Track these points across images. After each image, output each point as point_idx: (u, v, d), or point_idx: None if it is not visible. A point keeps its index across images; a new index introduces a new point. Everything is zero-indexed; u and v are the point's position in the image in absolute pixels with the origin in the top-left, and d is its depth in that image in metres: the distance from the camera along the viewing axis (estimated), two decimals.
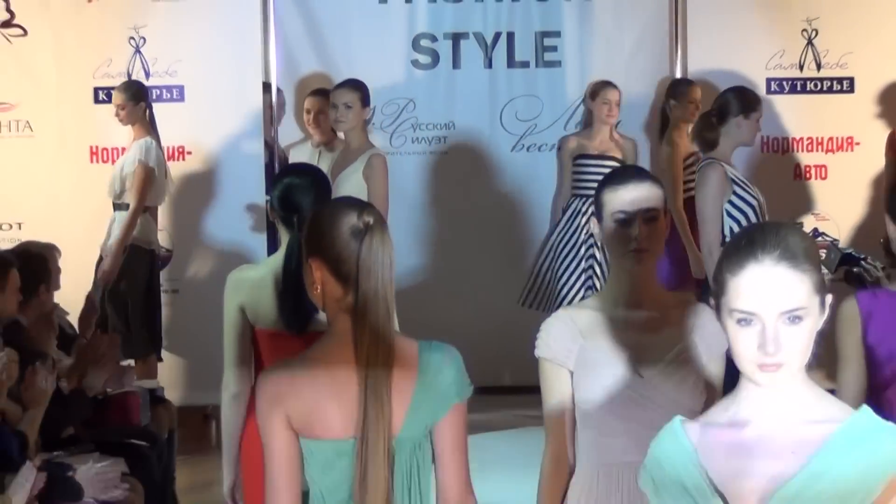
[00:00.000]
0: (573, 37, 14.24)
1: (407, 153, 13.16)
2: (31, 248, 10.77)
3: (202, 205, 13.47)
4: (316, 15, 14.09)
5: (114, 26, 13.59)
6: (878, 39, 13.85)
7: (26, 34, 13.52)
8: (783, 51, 13.88)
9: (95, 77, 13.59)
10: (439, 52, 14.25)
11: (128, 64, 13.65)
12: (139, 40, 13.57)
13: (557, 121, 14.21)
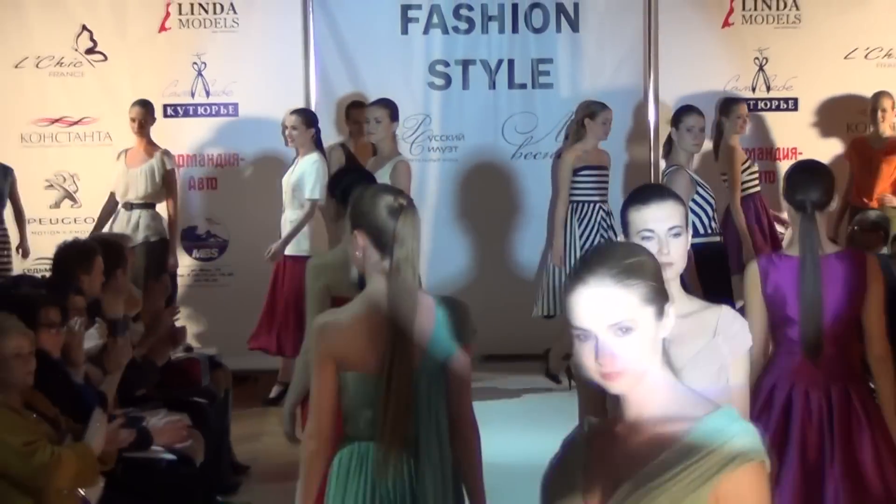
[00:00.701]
0: (564, 63, 14.22)
1: (424, 160, 13.17)
2: (110, 239, 10.96)
3: (251, 202, 13.48)
4: (348, 44, 14.08)
5: (180, 53, 13.62)
6: (817, 66, 13.91)
7: (106, 59, 13.54)
8: (738, 75, 13.95)
9: (164, 96, 13.65)
10: (451, 76, 14.24)
11: (191, 85, 13.67)
12: (201, 65, 13.57)
13: (550, 133, 14.22)
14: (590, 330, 3.74)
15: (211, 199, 13.95)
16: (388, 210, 6.14)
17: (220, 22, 13.79)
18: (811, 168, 7.65)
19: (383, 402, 5.36)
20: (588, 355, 3.77)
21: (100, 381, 8.39)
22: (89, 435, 7.33)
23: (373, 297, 5.65)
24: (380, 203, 6.06)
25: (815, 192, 7.20)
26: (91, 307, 9.12)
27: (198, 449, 8.49)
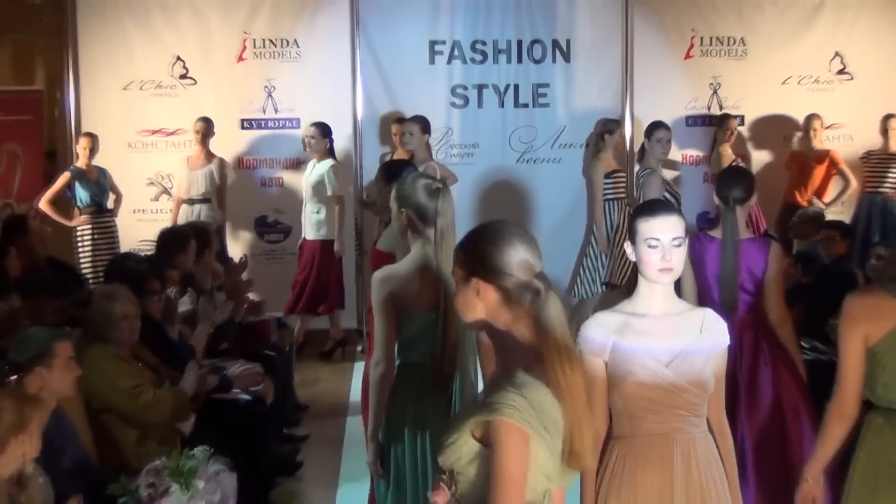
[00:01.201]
0: (558, 87, 14.18)
1: (447, 164, 13.04)
2: (200, 226, 11.16)
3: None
4: (386, 72, 14.06)
5: (254, 78, 13.63)
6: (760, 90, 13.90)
7: (195, 83, 13.54)
8: (697, 98, 13.92)
9: (241, 112, 13.69)
10: (469, 97, 14.20)
11: (263, 103, 13.67)
12: (270, 87, 13.57)
13: (546, 143, 14.18)
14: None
15: (278, 194, 13.92)
16: (428, 191, 6.27)
17: (285, 54, 13.78)
18: (735, 172, 8.13)
19: (442, 333, 5.61)
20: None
21: (192, 338, 8.43)
22: (184, 381, 7.47)
23: (421, 257, 5.91)
24: (421, 186, 6.24)
25: (737, 190, 7.45)
26: (184, 279, 9.20)
27: (268, 392, 8.55)
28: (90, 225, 12.63)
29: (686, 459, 4.62)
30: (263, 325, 10.43)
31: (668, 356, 4.60)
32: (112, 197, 12.86)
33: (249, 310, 10.22)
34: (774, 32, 14.00)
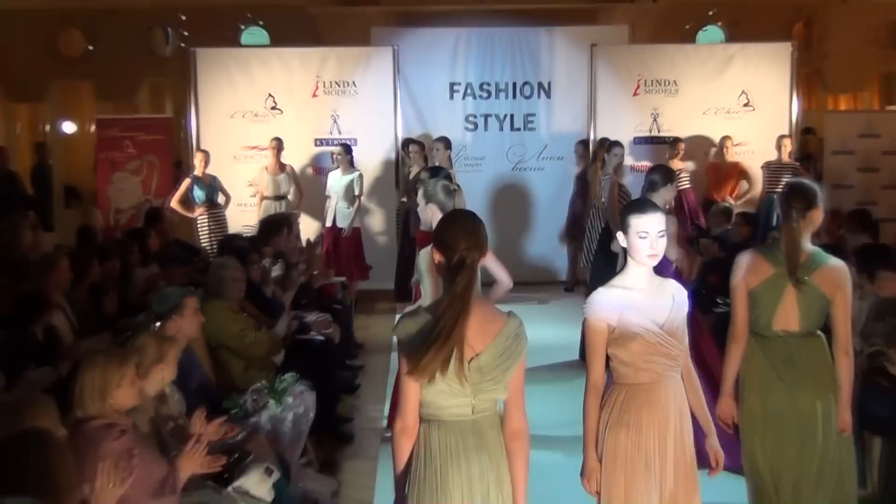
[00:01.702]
0: (542, 116, 14.20)
1: (462, 172, 13.01)
2: (286, 215, 11.15)
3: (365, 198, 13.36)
4: (419, 105, 14.13)
5: (324, 109, 13.52)
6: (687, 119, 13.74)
7: (282, 113, 13.45)
8: (642, 124, 13.75)
9: (315, 133, 13.59)
10: (478, 123, 14.20)
11: (330, 127, 13.59)
12: (336, 116, 13.49)
13: (533, 157, 14.19)
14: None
15: None
16: (446, 191, 6.26)
17: (346, 91, 13.68)
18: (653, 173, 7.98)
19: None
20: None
21: (281, 296, 8.41)
22: (277, 326, 7.51)
23: None
24: (442, 187, 6.24)
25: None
26: (276, 254, 9.26)
27: (335, 334, 8.52)
28: (206, 216, 12.62)
29: (674, 397, 4.58)
30: (331, 287, 10.40)
31: (661, 320, 4.54)
32: (222, 197, 12.84)
33: (321, 276, 10.22)
34: (698, 76, 13.89)
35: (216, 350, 6.85)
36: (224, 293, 7.09)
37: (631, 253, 4.65)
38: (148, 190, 13.81)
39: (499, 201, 13.74)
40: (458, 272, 3.84)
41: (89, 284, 8.21)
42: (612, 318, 4.54)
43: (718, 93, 13.87)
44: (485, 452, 3.89)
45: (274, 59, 13.95)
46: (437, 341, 3.72)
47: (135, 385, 4.54)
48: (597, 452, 4.75)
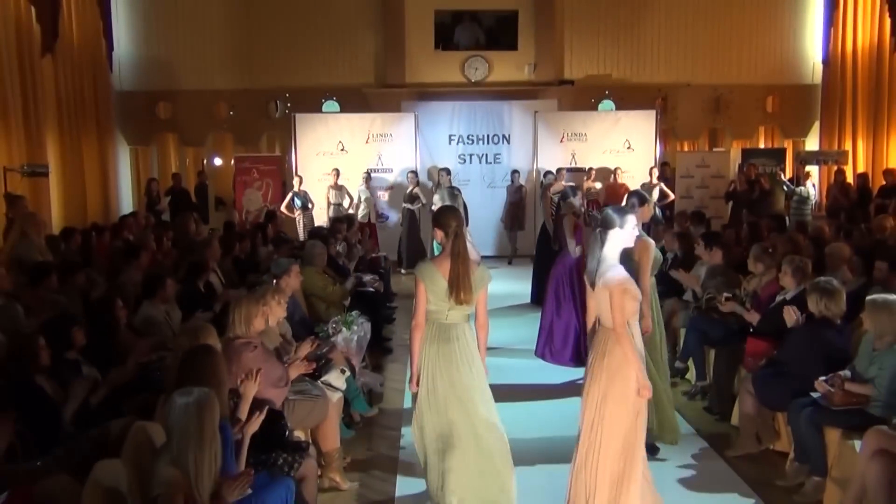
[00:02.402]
0: (504, 155, 14.12)
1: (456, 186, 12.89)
2: (349, 215, 10.83)
3: (390, 203, 13.28)
4: (430, 147, 14.03)
5: (373, 150, 13.50)
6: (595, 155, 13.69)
7: (347, 153, 13.43)
8: (565, 159, 13.66)
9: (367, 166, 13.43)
10: (466, 159, 14.11)
11: (377, 162, 13.55)
12: (380, 153, 13.47)
13: (498, 179, 14.06)
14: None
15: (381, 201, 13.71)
16: (451, 194, 6.25)
17: (386, 139, 13.66)
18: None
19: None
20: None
21: (348, 264, 8.37)
22: (346, 283, 7.46)
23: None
24: (445, 191, 6.20)
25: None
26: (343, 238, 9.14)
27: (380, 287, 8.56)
28: (301, 216, 12.59)
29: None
30: (377, 259, 10.23)
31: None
32: (311, 204, 12.76)
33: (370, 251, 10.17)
34: (598, 130, 13.84)
35: (309, 297, 6.81)
36: (314, 262, 7.05)
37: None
38: (266, 200, 13.77)
39: (478, 205, 13.45)
40: (455, 240, 4.08)
41: (232, 257, 8.19)
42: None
43: (611, 140, 13.82)
44: (463, 339, 4.13)
45: (342, 119, 13.92)
46: (455, 283, 4.04)
47: (264, 316, 4.52)
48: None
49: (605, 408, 3.92)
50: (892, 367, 4.30)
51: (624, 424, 3.91)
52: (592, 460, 3.96)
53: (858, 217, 9.80)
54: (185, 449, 2.90)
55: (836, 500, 4.28)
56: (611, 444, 3.92)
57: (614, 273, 3.94)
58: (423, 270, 4.12)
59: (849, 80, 14.14)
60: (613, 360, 3.91)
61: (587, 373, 4.06)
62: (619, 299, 3.86)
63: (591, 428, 3.98)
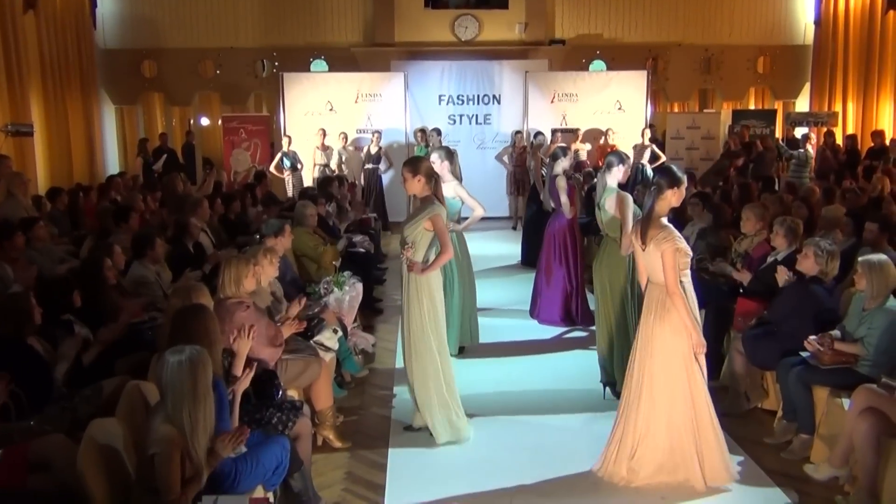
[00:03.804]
0: (495, 116, 14.03)
1: None
2: (339, 175, 10.73)
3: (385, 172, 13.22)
4: (420, 108, 13.89)
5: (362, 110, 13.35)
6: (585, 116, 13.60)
7: (336, 112, 13.28)
8: (555, 120, 13.62)
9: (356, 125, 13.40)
10: (456, 120, 14.00)
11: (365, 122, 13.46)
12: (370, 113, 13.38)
13: (489, 140, 14.01)
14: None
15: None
16: (448, 152, 6.27)
17: (375, 99, 13.53)
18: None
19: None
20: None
21: (338, 224, 8.33)
22: (338, 244, 7.40)
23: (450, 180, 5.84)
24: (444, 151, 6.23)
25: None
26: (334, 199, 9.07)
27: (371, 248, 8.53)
28: (291, 176, 12.49)
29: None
30: (367, 220, 10.18)
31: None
32: (300, 165, 12.65)
33: (361, 212, 10.12)
34: (589, 90, 13.74)
35: (300, 258, 6.79)
36: (304, 223, 7.01)
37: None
38: (255, 160, 13.69)
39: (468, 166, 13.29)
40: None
41: (220, 216, 8.13)
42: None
43: (602, 101, 13.74)
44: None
45: (331, 79, 13.76)
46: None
47: (255, 276, 4.50)
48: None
49: (663, 365, 4.02)
50: (882, 326, 4.33)
51: (678, 380, 4.01)
52: (646, 416, 4.10)
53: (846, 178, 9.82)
54: (179, 406, 2.90)
55: (823, 458, 4.33)
56: (664, 400, 4.05)
57: (667, 233, 3.98)
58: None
59: (840, 41, 14.09)
60: (669, 317, 3.98)
61: (640, 331, 4.12)
62: (672, 258, 3.91)
63: (647, 384, 4.08)
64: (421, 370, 4.67)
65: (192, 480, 2.91)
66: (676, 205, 4.17)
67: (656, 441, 4.11)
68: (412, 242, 4.61)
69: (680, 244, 3.94)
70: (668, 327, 3.98)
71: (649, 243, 3.99)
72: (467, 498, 4.09)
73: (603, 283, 5.45)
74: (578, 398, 5.50)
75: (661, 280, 3.97)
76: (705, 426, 4.08)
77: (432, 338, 4.63)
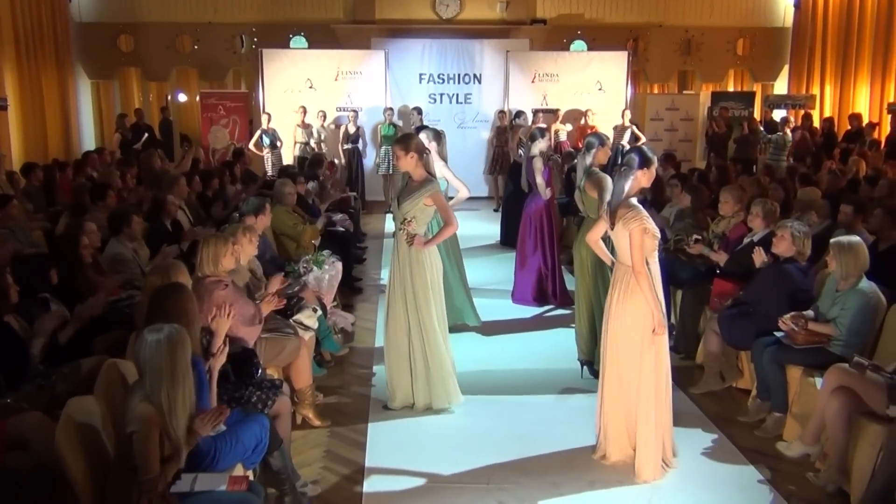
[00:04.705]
0: (475, 95, 13.92)
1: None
2: (319, 153, 10.61)
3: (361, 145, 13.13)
4: (400, 86, 13.77)
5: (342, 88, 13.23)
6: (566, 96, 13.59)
7: (316, 90, 13.18)
8: (536, 100, 13.58)
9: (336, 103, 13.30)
10: (437, 99, 13.90)
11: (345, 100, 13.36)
12: (349, 91, 13.30)
13: (469, 120, 13.92)
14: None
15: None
16: (435, 132, 6.28)
17: (356, 77, 13.42)
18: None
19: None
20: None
21: (318, 203, 8.28)
22: (317, 222, 7.30)
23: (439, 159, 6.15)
24: (432, 132, 6.23)
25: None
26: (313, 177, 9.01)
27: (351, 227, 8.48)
28: (270, 154, 12.39)
29: None
30: (347, 199, 10.06)
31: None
32: (280, 142, 12.54)
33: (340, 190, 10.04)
34: (570, 70, 13.72)
35: (279, 236, 6.77)
36: (283, 201, 6.96)
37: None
38: (233, 137, 13.59)
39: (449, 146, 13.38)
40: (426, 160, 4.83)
41: (197, 194, 8.07)
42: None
43: (583, 82, 13.72)
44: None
45: (311, 56, 13.63)
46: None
47: (234, 255, 4.47)
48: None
49: (623, 344, 4.05)
50: (854, 307, 4.40)
51: (641, 361, 4.01)
52: (610, 394, 4.16)
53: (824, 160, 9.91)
54: (157, 385, 2.88)
55: (795, 435, 4.40)
56: (629, 380, 4.07)
57: (635, 213, 3.97)
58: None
59: (819, 24, 14.15)
60: (633, 296, 3.98)
61: (607, 310, 4.13)
62: (639, 238, 3.91)
63: (611, 363, 4.12)
64: (430, 344, 4.78)
65: (171, 459, 2.91)
66: (647, 185, 4.15)
67: (619, 419, 4.17)
68: (412, 218, 4.65)
69: (647, 224, 3.94)
70: (631, 306, 3.99)
71: (618, 222, 3.99)
72: (446, 476, 4.13)
73: (582, 263, 5.48)
74: (557, 377, 5.55)
75: (629, 260, 3.98)
76: (660, 408, 4.08)
77: (435, 311, 4.75)
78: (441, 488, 4.00)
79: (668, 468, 4.16)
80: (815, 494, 3.98)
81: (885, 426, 3.71)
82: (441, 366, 4.83)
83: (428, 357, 4.82)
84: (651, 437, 4.06)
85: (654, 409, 4.04)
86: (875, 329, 4.50)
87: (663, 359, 4.06)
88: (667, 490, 4.00)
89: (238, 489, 2.99)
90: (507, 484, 4.03)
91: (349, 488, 4.04)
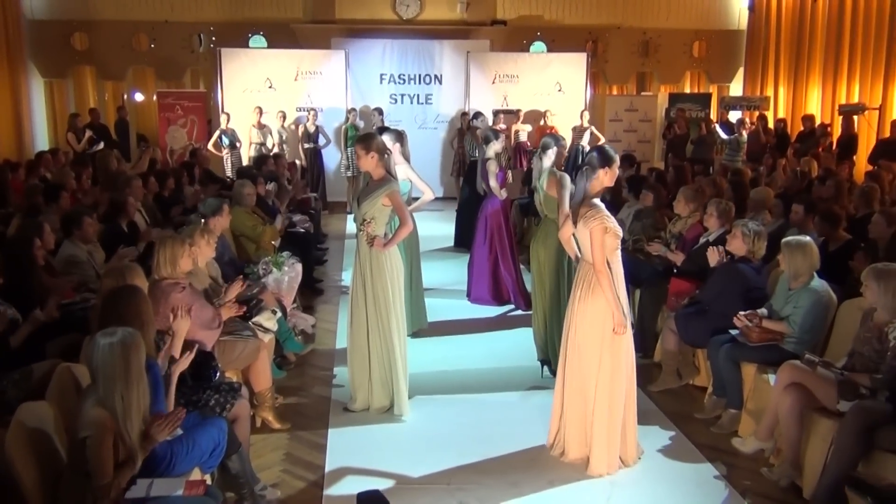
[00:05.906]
0: (436, 96, 13.94)
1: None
2: (278, 154, 10.53)
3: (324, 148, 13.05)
4: (361, 87, 13.75)
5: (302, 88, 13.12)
6: (526, 97, 13.63)
7: (276, 90, 12.99)
8: (496, 101, 13.62)
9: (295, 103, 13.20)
10: (398, 100, 13.90)
11: (305, 101, 13.25)
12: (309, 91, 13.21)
13: (429, 121, 13.95)
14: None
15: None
16: (397, 133, 6.29)
17: (316, 77, 13.32)
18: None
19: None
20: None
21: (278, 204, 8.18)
22: (276, 223, 7.27)
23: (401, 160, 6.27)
24: (395, 133, 6.24)
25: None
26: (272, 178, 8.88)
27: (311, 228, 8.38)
28: (229, 154, 12.25)
29: None
30: (307, 199, 10.02)
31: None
32: (238, 143, 12.40)
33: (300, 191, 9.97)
34: (529, 72, 13.79)
35: (238, 238, 6.67)
36: (242, 202, 6.87)
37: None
38: (191, 137, 13.40)
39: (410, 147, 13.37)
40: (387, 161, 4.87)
41: (154, 195, 7.96)
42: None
43: (543, 83, 13.80)
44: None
45: (270, 56, 13.52)
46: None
47: (191, 257, 4.42)
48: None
49: (584, 342, 4.07)
50: (806, 305, 4.49)
51: (601, 359, 4.03)
52: (571, 392, 4.18)
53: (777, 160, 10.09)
54: (111, 389, 2.83)
55: (750, 431, 4.48)
56: (588, 378, 4.09)
57: (595, 212, 3.99)
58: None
59: (773, 26, 14.42)
60: (594, 295, 4.00)
61: (570, 308, 4.15)
62: (600, 236, 3.93)
63: (571, 360, 4.13)
64: (387, 346, 4.75)
65: (126, 464, 2.86)
66: (609, 184, 4.19)
67: (579, 417, 4.20)
68: (371, 219, 4.63)
69: (609, 223, 3.97)
70: (593, 305, 4.02)
71: (579, 221, 4.02)
72: (407, 477, 4.12)
73: (540, 263, 5.51)
74: (516, 376, 5.57)
75: (590, 258, 4.02)
76: (619, 407, 4.11)
77: (395, 313, 4.71)
78: (402, 490, 3.99)
79: (626, 466, 4.21)
80: (770, 489, 4.05)
81: (836, 421, 3.79)
82: (395, 375, 4.79)
83: (384, 359, 4.81)
84: (605, 432, 4.09)
85: (609, 406, 4.07)
86: (826, 327, 4.60)
87: (625, 357, 4.09)
88: (625, 486, 4.04)
89: (195, 494, 2.96)
90: (468, 484, 4.04)
91: (309, 491, 4.01)
